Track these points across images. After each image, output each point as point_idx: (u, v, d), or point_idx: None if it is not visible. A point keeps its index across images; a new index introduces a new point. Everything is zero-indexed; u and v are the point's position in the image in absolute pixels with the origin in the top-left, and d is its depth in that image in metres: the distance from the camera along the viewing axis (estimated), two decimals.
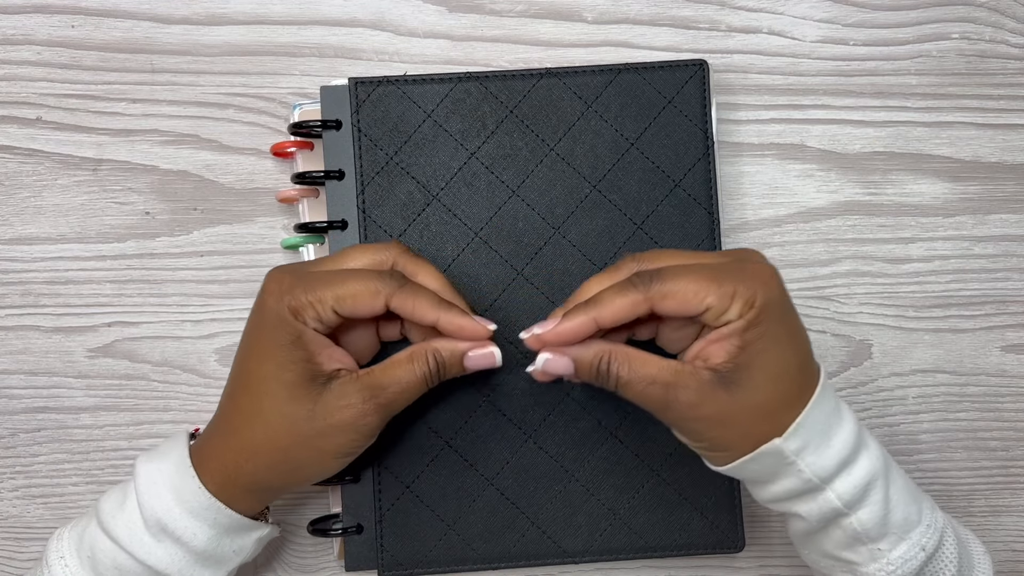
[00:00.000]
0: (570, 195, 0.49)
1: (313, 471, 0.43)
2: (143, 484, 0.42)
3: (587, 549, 0.49)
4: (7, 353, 0.51)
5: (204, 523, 0.41)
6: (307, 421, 0.41)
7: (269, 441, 0.41)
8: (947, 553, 0.42)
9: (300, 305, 0.40)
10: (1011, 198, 0.53)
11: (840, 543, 0.41)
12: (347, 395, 0.41)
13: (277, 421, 0.41)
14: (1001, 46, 0.53)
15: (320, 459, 0.42)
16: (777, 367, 0.40)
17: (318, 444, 0.41)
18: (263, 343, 0.41)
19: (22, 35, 0.51)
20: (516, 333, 0.48)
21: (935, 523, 0.42)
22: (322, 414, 0.41)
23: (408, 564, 0.48)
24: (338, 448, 0.42)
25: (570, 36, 0.52)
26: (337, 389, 0.41)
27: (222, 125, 0.52)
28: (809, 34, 0.53)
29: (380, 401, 0.41)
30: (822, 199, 0.53)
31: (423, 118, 0.49)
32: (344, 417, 0.41)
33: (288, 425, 0.41)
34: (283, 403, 0.41)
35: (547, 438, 0.48)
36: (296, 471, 0.43)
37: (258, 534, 0.44)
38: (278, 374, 0.41)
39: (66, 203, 0.51)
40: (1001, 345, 0.53)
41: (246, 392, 0.42)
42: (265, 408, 0.41)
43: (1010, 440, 0.53)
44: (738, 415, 0.39)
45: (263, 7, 0.52)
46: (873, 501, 0.40)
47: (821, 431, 0.40)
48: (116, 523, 0.42)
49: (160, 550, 0.41)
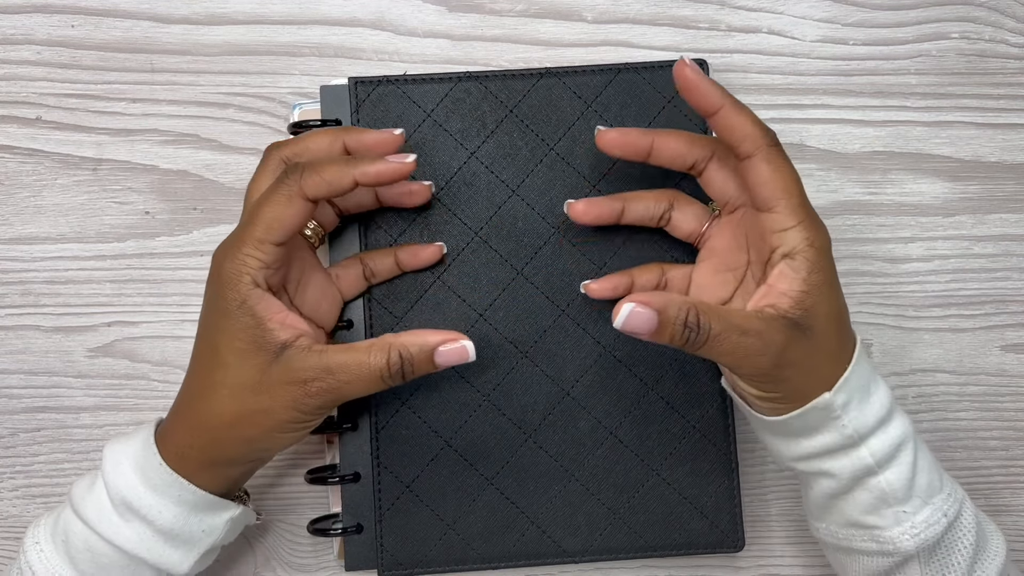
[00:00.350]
0: (570, 195, 0.49)
1: (262, 445, 0.42)
2: (109, 464, 0.42)
3: (587, 549, 0.49)
4: (7, 353, 0.51)
5: (168, 500, 0.41)
6: (253, 393, 0.40)
7: (216, 416, 0.41)
8: (966, 522, 0.42)
9: (242, 259, 0.39)
10: (1011, 198, 0.53)
11: (865, 506, 0.41)
12: (293, 370, 0.39)
13: (224, 392, 0.40)
14: (1001, 46, 0.53)
15: (267, 434, 0.41)
16: (836, 311, 0.41)
17: (262, 419, 0.40)
18: (214, 313, 0.40)
19: (22, 35, 0.51)
20: (515, 333, 0.48)
21: (955, 492, 0.42)
22: (267, 387, 0.40)
23: (408, 564, 0.48)
24: (281, 424, 0.40)
25: (570, 36, 0.52)
26: (285, 362, 0.39)
27: (222, 125, 0.52)
28: (809, 34, 0.53)
29: (324, 385, 0.40)
30: (822, 199, 0.53)
31: (423, 118, 0.49)
32: (287, 394, 0.40)
33: (234, 397, 0.40)
34: (232, 375, 0.40)
35: (547, 438, 0.48)
36: (246, 445, 0.42)
37: (228, 514, 0.43)
38: (228, 342, 0.40)
39: (66, 203, 0.51)
40: (1001, 345, 0.53)
41: (199, 366, 0.42)
42: (215, 381, 0.40)
43: (1010, 440, 0.53)
44: (816, 360, 0.40)
45: (263, 7, 0.52)
46: (902, 462, 0.41)
47: (863, 387, 0.41)
48: (86, 505, 0.42)
49: (127, 529, 0.41)
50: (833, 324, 0.40)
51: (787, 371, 0.40)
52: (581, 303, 0.48)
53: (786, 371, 0.40)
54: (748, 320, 0.39)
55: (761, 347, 0.38)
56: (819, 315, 0.40)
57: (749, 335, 0.38)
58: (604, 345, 0.48)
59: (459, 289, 0.48)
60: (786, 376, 0.40)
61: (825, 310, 0.40)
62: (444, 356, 0.41)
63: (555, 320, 0.48)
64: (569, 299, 0.48)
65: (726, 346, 0.38)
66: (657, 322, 0.37)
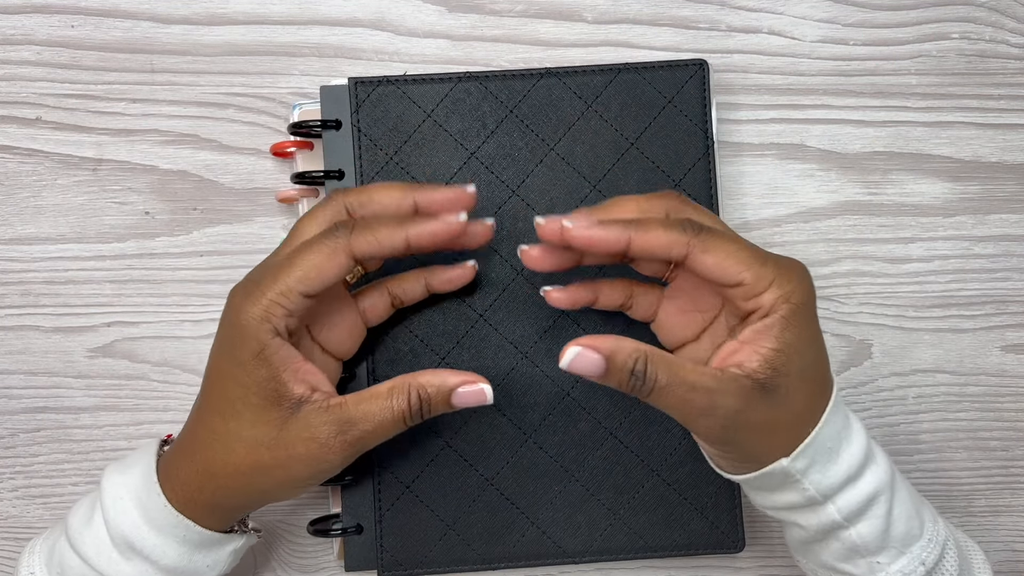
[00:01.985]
0: (570, 195, 0.49)
1: (275, 496, 0.42)
2: (109, 499, 0.40)
3: (587, 549, 0.49)
4: (7, 353, 0.51)
5: (172, 540, 0.40)
6: (269, 449, 0.39)
7: (230, 465, 0.39)
8: (948, 567, 0.41)
9: (266, 306, 0.38)
10: (1011, 198, 0.53)
11: (838, 555, 0.41)
12: (313, 427, 0.38)
13: (239, 446, 0.39)
14: (1001, 46, 0.53)
15: (280, 487, 0.41)
16: (811, 372, 0.39)
17: (278, 474, 0.39)
18: (227, 362, 0.39)
19: (22, 35, 0.51)
20: (515, 333, 0.48)
21: (936, 537, 0.41)
22: (284, 444, 0.39)
23: (408, 564, 0.48)
24: (298, 479, 0.40)
25: (570, 36, 0.52)
26: (303, 419, 0.38)
27: (222, 125, 0.52)
28: (809, 34, 0.53)
29: (348, 438, 0.39)
30: (822, 199, 0.53)
31: (423, 118, 0.49)
32: (308, 451, 0.39)
33: (249, 451, 0.39)
34: (247, 427, 0.39)
35: (547, 438, 0.48)
36: (257, 495, 0.41)
37: (232, 546, 0.43)
38: (243, 396, 0.38)
39: (66, 203, 0.51)
40: (1001, 345, 0.53)
41: (211, 412, 0.40)
42: (229, 431, 0.39)
43: (1010, 440, 0.53)
44: (777, 423, 0.38)
45: (263, 7, 0.52)
46: (874, 515, 0.40)
47: (829, 449, 0.39)
48: (84, 540, 0.40)
49: (129, 567, 0.40)
50: (806, 384, 0.38)
51: (740, 434, 0.38)
52: None
53: (739, 434, 0.38)
54: (700, 377, 0.37)
55: (708, 407, 0.37)
56: (790, 375, 0.38)
57: (697, 392, 0.37)
58: None
59: (459, 290, 0.48)
60: (739, 439, 0.38)
61: (798, 368, 0.38)
62: (461, 398, 0.40)
63: (555, 320, 0.48)
64: None
65: (671, 400, 0.37)
66: (604, 368, 0.37)
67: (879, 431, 0.53)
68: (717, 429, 0.38)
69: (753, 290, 0.38)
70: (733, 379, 0.37)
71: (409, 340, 0.48)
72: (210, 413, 0.40)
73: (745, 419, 0.37)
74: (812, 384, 0.39)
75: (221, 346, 0.40)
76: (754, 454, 0.39)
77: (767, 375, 0.37)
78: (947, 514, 0.52)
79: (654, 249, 0.38)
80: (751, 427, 0.38)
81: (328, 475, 0.41)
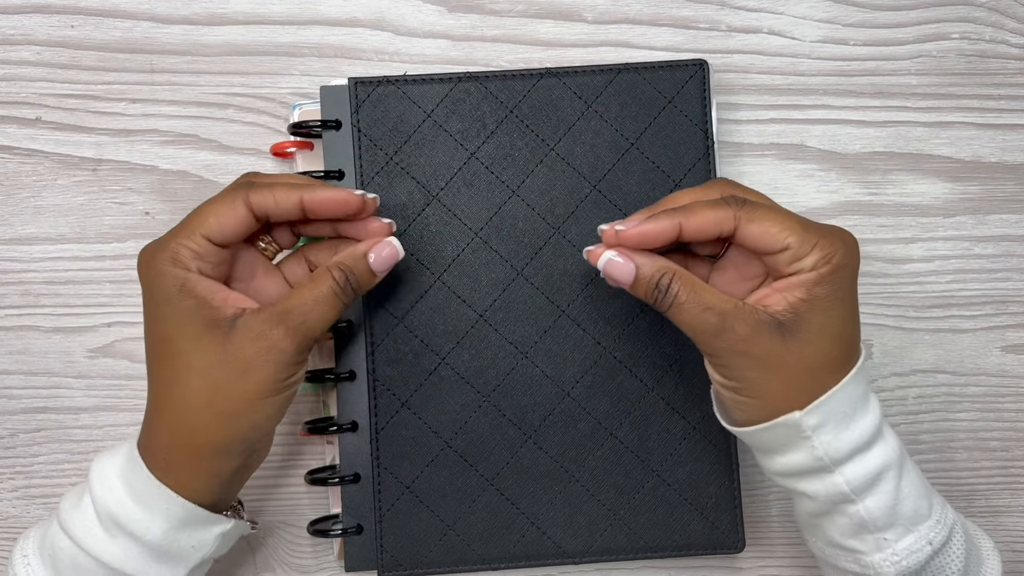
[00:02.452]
0: (570, 195, 0.49)
1: (250, 419, 0.41)
2: (95, 478, 0.41)
3: (587, 549, 0.49)
4: (7, 353, 0.51)
5: (157, 514, 0.40)
6: (220, 367, 0.39)
7: (187, 401, 0.40)
8: (954, 549, 0.42)
9: (174, 249, 0.40)
10: (1011, 198, 0.53)
11: (845, 530, 0.41)
12: (254, 328, 0.39)
13: (192, 378, 0.40)
14: (1001, 46, 0.53)
15: (250, 404, 0.40)
16: (835, 328, 0.40)
17: (240, 388, 0.40)
18: (155, 310, 0.40)
19: (22, 35, 0.51)
20: (515, 334, 0.48)
21: (945, 519, 0.42)
22: (234, 354, 0.39)
23: (408, 564, 0.48)
24: (262, 386, 0.40)
25: (570, 36, 0.52)
26: (243, 326, 0.40)
27: (222, 125, 0.52)
28: (809, 34, 0.53)
29: (290, 324, 0.40)
30: (822, 199, 0.53)
31: (423, 118, 0.49)
32: (256, 349, 0.39)
33: (203, 378, 0.39)
34: (192, 357, 0.39)
35: (547, 438, 0.48)
36: (231, 423, 0.40)
37: (219, 528, 0.42)
38: (179, 330, 0.39)
39: (66, 203, 0.51)
40: (1001, 345, 0.53)
41: (158, 366, 0.41)
42: (178, 369, 0.40)
43: (1010, 440, 0.53)
44: (785, 363, 0.39)
45: (263, 7, 0.52)
46: (883, 491, 0.40)
47: (844, 414, 0.40)
48: (73, 520, 0.41)
49: (114, 546, 0.40)
50: (826, 339, 0.39)
51: (750, 366, 0.39)
52: (581, 304, 0.48)
53: (749, 365, 0.39)
54: (718, 300, 0.39)
55: (719, 327, 0.39)
56: (811, 324, 0.39)
57: (711, 312, 0.39)
58: (604, 346, 0.48)
59: (459, 289, 0.48)
60: (749, 374, 0.40)
61: (820, 321, 0.39)
62: (377, 261, 0.42)
63: (555, 320, 0.48)
64: (569, 299, 0.48)
65: (687, 317, 0.40)
66: (634, 276, 0.41)
67: None
68: (723, 350, 0.39)
69: (797, 254, 0.39)
70: (752, 311, 0.39)
71: (409, 340, 0.48)
72: (156, 364, 0.41)
73: (757, 349, 0.39)
74: (834, 342, 0.40)
75: (147, 305, 0.41)
76: (765, 395, 0.40)
77: (787, 317, 0.39)
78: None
79: (704, 228, 0.40)
80: (762, 361, 0.39)
81: (289, 377, 0.41)
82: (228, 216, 0.40)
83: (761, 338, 0.39)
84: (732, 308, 0.39)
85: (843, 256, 0.39)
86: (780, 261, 0.40)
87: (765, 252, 0.40)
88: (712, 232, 0.40)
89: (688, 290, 0.40)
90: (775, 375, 0.39)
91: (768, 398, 0.40)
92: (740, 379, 0.40)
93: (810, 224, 0.40)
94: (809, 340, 0.39)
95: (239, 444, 0.41)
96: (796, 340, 0.39)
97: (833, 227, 0.41)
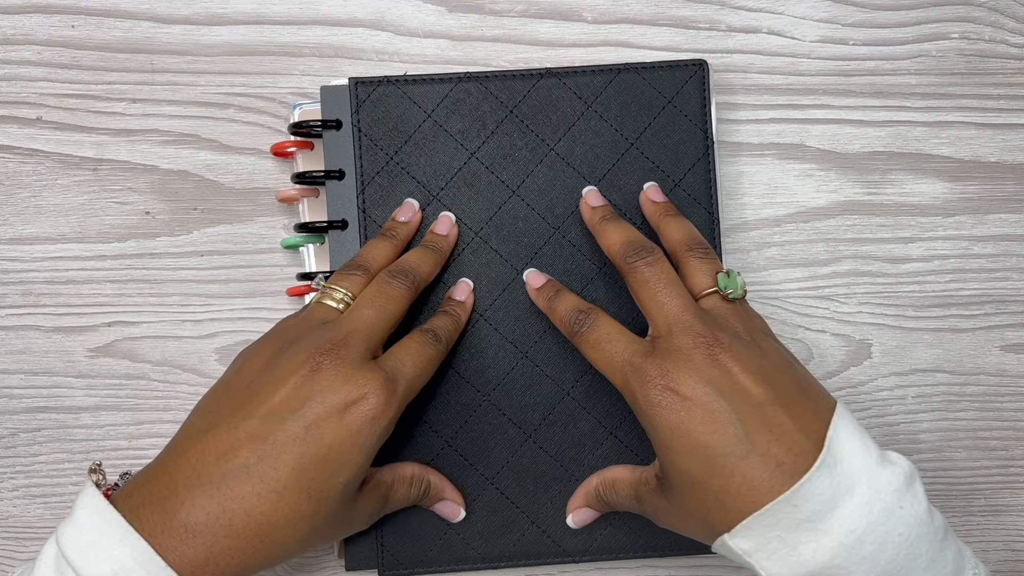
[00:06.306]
0: (570, 195, 0.49)
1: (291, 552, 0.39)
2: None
3: (587, 549, 0.49)
4: (7, 353, 0.51)
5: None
6: (330, 527, 0.41)
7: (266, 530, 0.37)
8: None
9: (379, 435, 0.40)
10: (1011, 198, 0.53)
11: None
12: (372, 501, 0.43)
13: (303, 529, 0.38)
14: (1001, 46, 0.53)
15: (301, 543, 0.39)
16: (689, 472, 0.38)
17: (307, 528, 0.39)
18: (314, 460, 0.38)
19: (22, 35, 0.51)
20: (515, 333, 0.48)
21: None
22: (347, 519, 0.42)
23: (408, 564, 0.48)
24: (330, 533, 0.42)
25: (570, 36, 0.52)
26: (366, 495, 0.43)
27: (222, 125, 0.52)
28: (809, 34, 0.53)
29: (386, 509, 0.45)
30: (822, 199, 0.53)
31: (423, 118, 0.49)
32: (364, 517, 0.44)
33: (309, 525, 0.39)
34: (322, 514, 0.39)
35: (547, 438, 0.48)
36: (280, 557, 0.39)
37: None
38: (340, 474, 0.39)
39: (66, 203, 0.51)
40: (1001, 345, 0.53)
41: (295, 490, 0.38)
42: (320, 510, 0.39)
43: (1010, 440, 0.53)
44: (676, 516, 0.41)
45: (263, 7, 0.52)
46: None
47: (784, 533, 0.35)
48: None
49: None
50: (688, 487, 0.38)
51: (664, 525, 0.43)
52: None
53: (663, 525, 0.43)
54: (631, 487, 0.45)
55: (636, 507, 0.45)
56: (671, 472, 0.40)
57: (631, 501, 0.45)
58: None
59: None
60: (669, 526, 0.42)
61: (682, 466, 0.38)
62: (441, 508, 0.47)
63: None
64: None
65: (618, 498, 0.46)
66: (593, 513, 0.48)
67: (879, 431, 0.53)
68: (654, 518, 0.44)
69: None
70: (644, 482, 0.43)
71: None
72: (292, 493, 0.38)
73: (661, 519, 0.43)
74: (698, 483, 0.38)
75: (306, 433, 0.38)
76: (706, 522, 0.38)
77: (661, 479, 0.42)
78: (947, 514, 0.52)
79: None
80: (668, 524, 0.42)
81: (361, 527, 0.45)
82: (433, 363, 0.44)
83: (656, 506, 0.42)
84: (635, 488, 0.44)
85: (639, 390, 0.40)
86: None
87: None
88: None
89: (612, 492, 0.46)
90: (684, 527, 0.41)
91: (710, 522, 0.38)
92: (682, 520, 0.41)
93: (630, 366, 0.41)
94: (678, 490, 0.39)
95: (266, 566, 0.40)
96: (672, 493, 0.40)
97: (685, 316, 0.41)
